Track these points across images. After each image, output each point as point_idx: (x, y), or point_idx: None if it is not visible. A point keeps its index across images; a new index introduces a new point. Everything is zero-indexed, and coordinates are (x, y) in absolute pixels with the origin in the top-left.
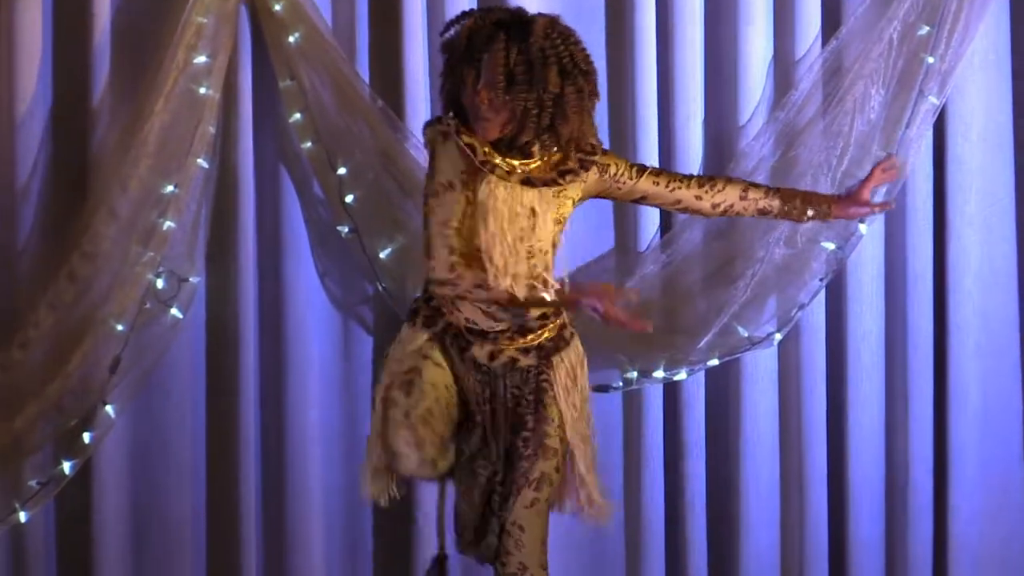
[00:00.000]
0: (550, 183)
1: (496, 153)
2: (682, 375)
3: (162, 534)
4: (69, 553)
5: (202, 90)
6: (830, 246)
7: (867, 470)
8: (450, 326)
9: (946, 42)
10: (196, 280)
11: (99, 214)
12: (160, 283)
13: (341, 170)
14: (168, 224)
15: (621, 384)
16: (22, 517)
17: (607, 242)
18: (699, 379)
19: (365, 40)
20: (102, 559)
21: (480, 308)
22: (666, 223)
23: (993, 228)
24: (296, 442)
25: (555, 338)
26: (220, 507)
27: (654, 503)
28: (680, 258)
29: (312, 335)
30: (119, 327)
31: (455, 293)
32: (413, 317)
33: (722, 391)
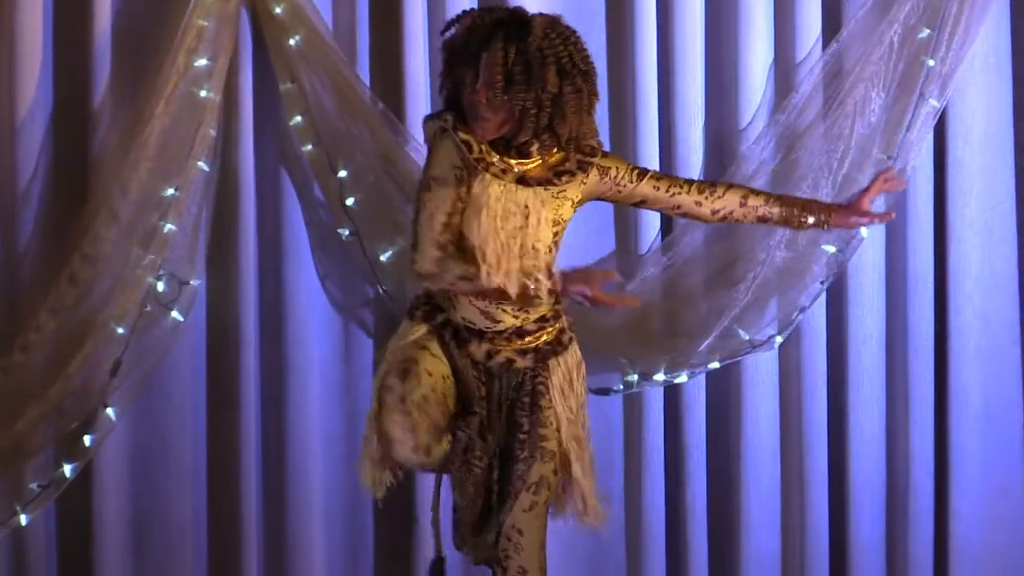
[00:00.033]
0: (545, 183)
1: (493, 152)
2: (683, 378)
3: (163, 537)
4: (70, 556)
5: (203, 93)
6: (831, 249)
7: (868, 473)
8: (449, 322)
9: (947, 45)
10: (197, 283)
11: (100, 217)
12: (161, 286)
13: (342, 173)
14: (169, 227)
15: (622, 387)
16: (23, 520)
17: (608, 245)
18: (700, 382)
19: (366, 43)
20: (103, 562)
21: (477, 308)
22: (667, 226)
23: (994, 231)
24: (297, 445)
25: (553, 342)
26: (221, 510)
27: (655, 505)
28: (681, 261)
29: (313, 338)
30: (120, 330)
31: (439, 286)
32: (412, 312)
33: (723, 394)
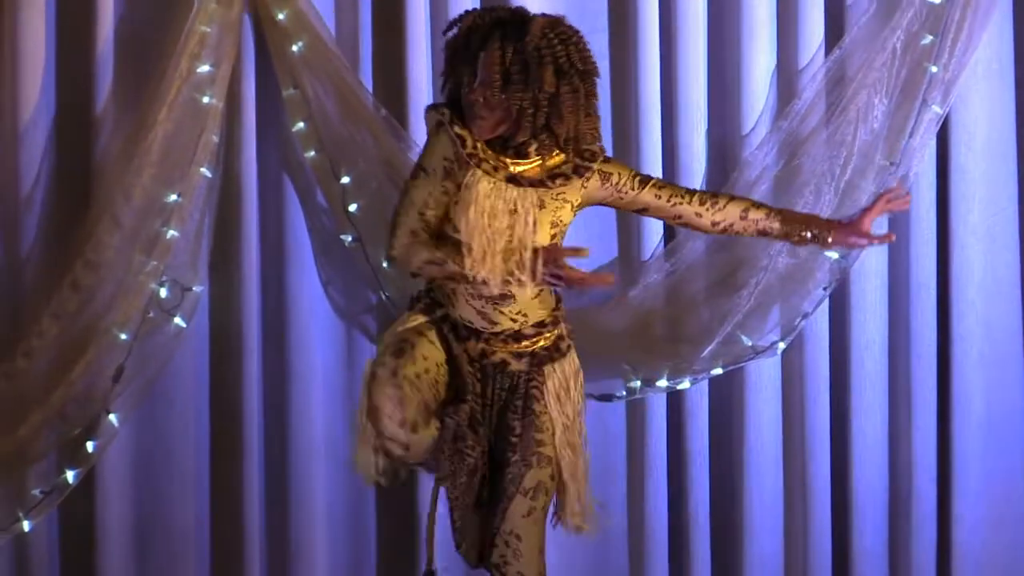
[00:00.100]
0: (537, 184)
1: (489, 150)
2: (686, 384)
3: (165, 543)
4: (72, 562)
5: (205, 99)
6: (833, 255)
7: (871, 479)
8: (448, 316)
9: (949, 51)
10: (199, 289)
11: (102, 223)
12: (163, 292)
13: (344, 179)
14: (171, 233)
15: (625, 393)
16: (26, 526)
17: (611, 251)
18: (703, 388)
19: (368, 49)
20: (105, 568)
21: (474, 308)
22: (670, 232)
23: (996, 237)
24: (299, 450)
25: (550, 348)
26: (223, 516)
27: (658, 512)
28: (684, 267)
29: (315, 344)
30: (123, 336)
31: (407, 270)
32: (413, 304)
33: (726, 400)
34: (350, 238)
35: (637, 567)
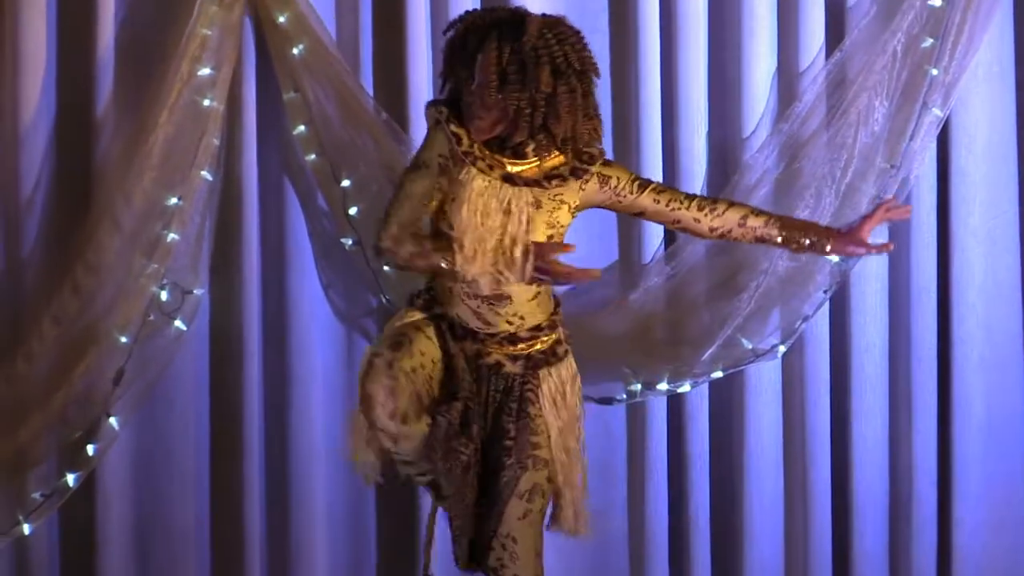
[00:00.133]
0: (532, 184)
1: (487, 150)
2: (686, 387)
3: (166, 546)
4: (73, 565)
5: (206, 102)
6: (834, 258)
7: (871, 482)
8: (445, 315)
9: (950, 54)
10: (200, 292)
11: (103, 226)
12: (164, 295)
13: (345, 182)
14: (172, 236)
15: (625, 396)
16: (26, 529)
17: (611, 254)
18: (703, 391)
19: (369, 52)
20: (106, 570)
21: (470, 308)
22: (670, 235)
23: (997, 240)
24: (299, 453)
25: (546, 352)
26: (224, 518)
27: (658, 515)
28: (684, 270)
29: (316, 347)
30: (123, 339)
31: (394, 263)
32: (412, 300)
33: (726, 403)
34: (351, 241)
35: (637, 570)
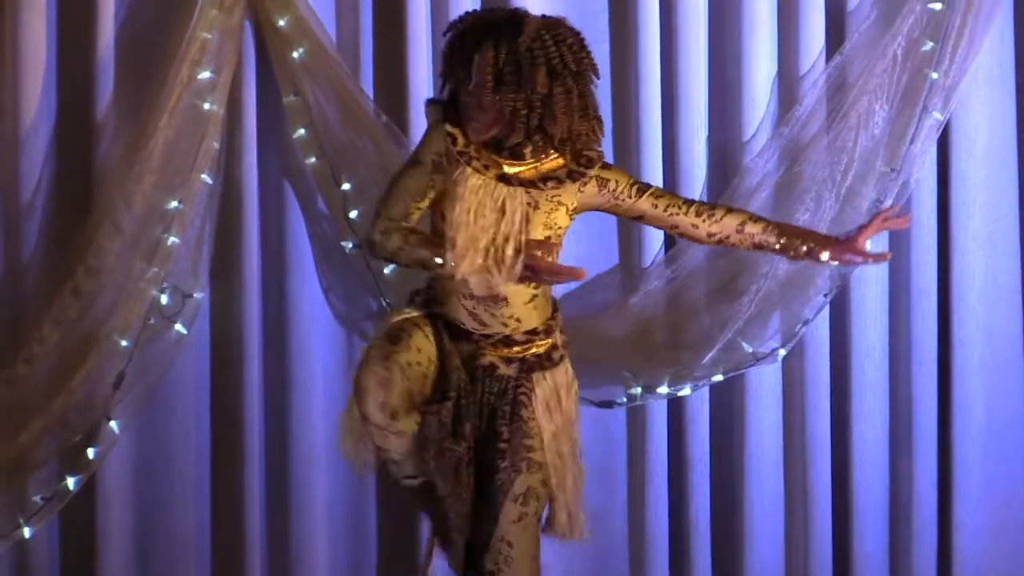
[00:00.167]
0: (528, 185)
1: (484, 150)
2: (686, 391)
3: (166, 549)
4: (73, 569)
5: (206, 106)
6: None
7: (871, 485)
8: (443, 314)
9: (950, 58)
10: (200, 296)
11: (103, 229)
12: (164, 299)
13: (345, 185)
14: (172, 240)
15: (625, 400)
16: (26, 533)
17: (611, 258)
18: (703, 395)
19: (369, 55)
20: (106, 574)
21: (465, 308)
22: (670, 239)
23: (997, 243)
24: (300, 457)
25: (541, 356)
26: (224, 522)
27: (658, 518)
28: (684, 274)
29: (316, 350)
30: (123, 343)
31: (381, 255)
32: (412, 297)
33: (726, 407)
34: (351, 245)
35: (637, 573)
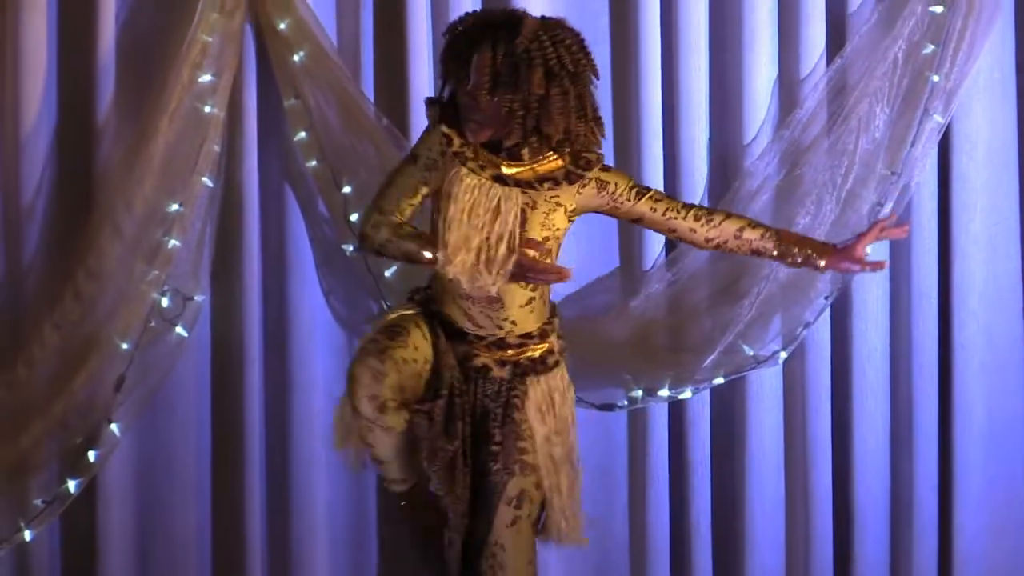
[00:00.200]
0: (524, 184)
1: (482, 151)
2: (687, 394)
3: (167, 552)
4: (74, 571)
5: (207, 109)
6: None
7: (872, 488)
8: (440, 314)
9: (951, 61)
10: (201, 299)
11: (104, 232)
12: (165, 302)
13: (346, 188)
14: (173, 243)
15: (626, 403)
16: (27, 536)
17: (612, 261)
18: (704, 397)
19: (370, 58)
20: None
21: (461, 308)
22: (671, 242)
23: (998, 247)
24: (300, 460)
25: (536, 360)
26: (225, 526)
27: (659, 521)
28: (685, 277)
29: (317, 353)
30: (124, 346)
31: (371, 247)
32: (412, 296)
33: (727, 409)
34: (352, 248)
35: None
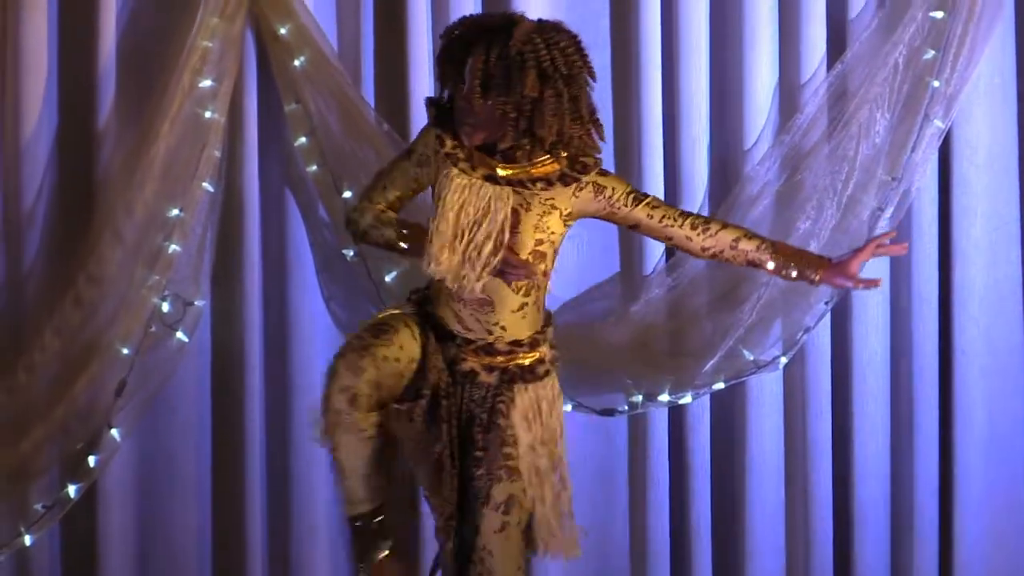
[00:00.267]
0: (516, 184)
1: (476, 152)
2: (687, 399)
3: (167, 557)
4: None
5: (207, 114)
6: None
7: (872, 493)
8: (433, 315)
9: (951, 66)
10: (201, 304)
11: (104, 238)
12: (165, 307)
13: (347, 193)
14: (173, 248)
15: (627, 408)
16: (27, 540)
17: (612, 266)
18: (704, 402)
19: (371, 63)
20: None
21: (452, 310)
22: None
23: (999, 251)
24: (301, 464)
25: (525, 368)
26: (226, 529)
27: (659, 526)
28: (686, 281)
29: (317, 359)
30: (125, 351)
31: (357, 231)
32: (409, 296)
33: (728, 414)
34: (352, 253)
35: None
